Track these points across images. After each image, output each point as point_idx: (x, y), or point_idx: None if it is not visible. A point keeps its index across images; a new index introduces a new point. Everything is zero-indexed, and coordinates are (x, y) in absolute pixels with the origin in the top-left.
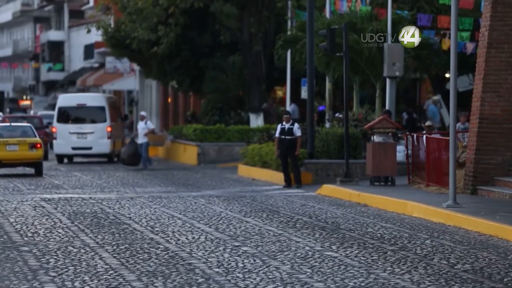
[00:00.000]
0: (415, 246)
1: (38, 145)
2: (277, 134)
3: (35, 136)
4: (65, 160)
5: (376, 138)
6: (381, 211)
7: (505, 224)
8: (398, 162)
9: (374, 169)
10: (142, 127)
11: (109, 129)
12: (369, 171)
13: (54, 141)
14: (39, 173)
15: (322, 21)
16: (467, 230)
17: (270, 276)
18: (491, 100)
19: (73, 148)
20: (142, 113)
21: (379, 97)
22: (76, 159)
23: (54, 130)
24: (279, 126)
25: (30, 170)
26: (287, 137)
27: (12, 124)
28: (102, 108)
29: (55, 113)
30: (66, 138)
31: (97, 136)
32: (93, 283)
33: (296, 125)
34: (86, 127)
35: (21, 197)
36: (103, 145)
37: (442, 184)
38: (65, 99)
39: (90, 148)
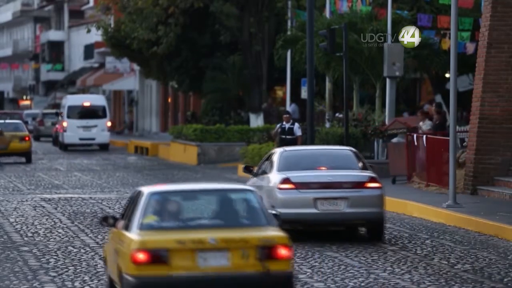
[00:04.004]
0: (415, 246)
1: (27, 138)
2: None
3: (25, 131)
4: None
5: (392, 139)
6: None
7: (505, 224)
8: None
9: (392, 168)
10: None
11: (109, 123)
12: (391, 171)
13: (64, 133)
14: (28, 160)
15: (322, 21)
16: (467, 230)
17: None
18: (491, 100)
19: (80, 139)
20: None
21: (379, 97)
22: (73, 148)
23: (64, 124)
24: (278, 126)
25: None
26: (287, 136)
27: (6, 121)
28: (103, 107)
29: (64, 110)
30: (74, 130)
31: (99, 129)
32: (93, 283)
33: (297, 124)
34: (91, 122)
35: (21, 197)
36: (104, 137)
37: (442, 184)
38: (73, 99)
39: (93, 139)
